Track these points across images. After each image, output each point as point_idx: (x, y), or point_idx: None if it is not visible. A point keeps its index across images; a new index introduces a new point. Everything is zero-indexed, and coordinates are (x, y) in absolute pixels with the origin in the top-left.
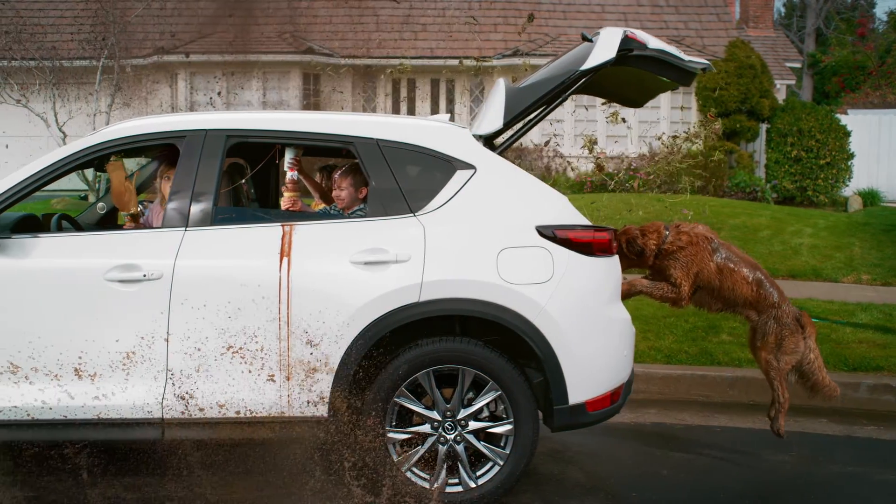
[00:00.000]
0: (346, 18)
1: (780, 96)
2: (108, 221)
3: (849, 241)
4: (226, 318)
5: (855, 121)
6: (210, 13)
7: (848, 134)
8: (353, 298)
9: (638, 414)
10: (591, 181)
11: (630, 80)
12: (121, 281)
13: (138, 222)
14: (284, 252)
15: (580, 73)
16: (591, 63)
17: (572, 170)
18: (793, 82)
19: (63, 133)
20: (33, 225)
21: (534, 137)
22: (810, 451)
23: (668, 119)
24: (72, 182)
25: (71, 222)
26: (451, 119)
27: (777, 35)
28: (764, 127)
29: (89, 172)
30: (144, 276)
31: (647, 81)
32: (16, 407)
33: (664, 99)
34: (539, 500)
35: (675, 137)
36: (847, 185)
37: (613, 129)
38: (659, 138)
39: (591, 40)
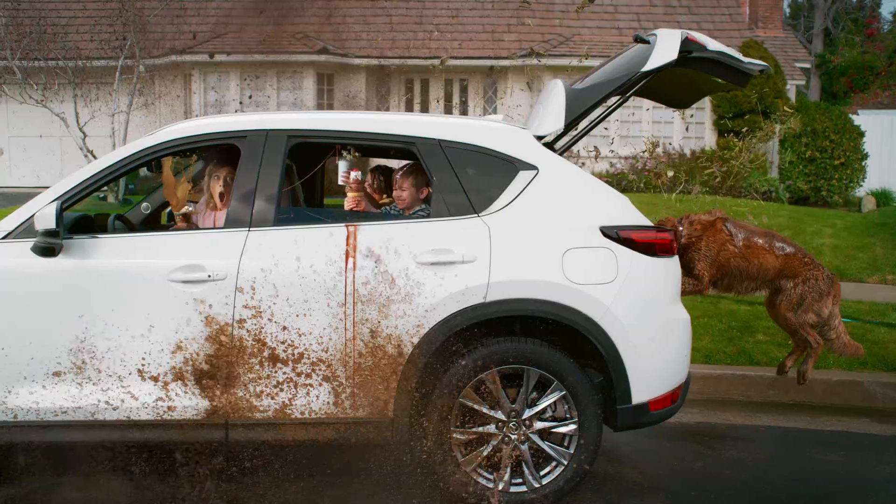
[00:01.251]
0: (360, 19)
1: (790, 97)
2: (152, 221)
3: (869, 241)
4: (290, 319)
5: (866, 121)
6: (235, 12)
7: (862, 134)
8: (419, 299)
9: (682, 413)
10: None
11: (680, 81)
12: (185, 281)
13: (190, 222)
14: (350, 253)
15: (641, 74)
16: (652, 64)
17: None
18: (803, 83)
19: (83, 133)
20: (88, 225)
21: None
22: (859, 451)
23: (680, 119)
24: None
25: (124, 222)
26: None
27: (786, 35)
28: (778, 127)
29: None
30: (209, 276)
31: (698, 83)
32: (80, 407)
33: None
34: (600, 500)
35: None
36: (861, 186)
37: (626, 129)
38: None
39: (647, 41)
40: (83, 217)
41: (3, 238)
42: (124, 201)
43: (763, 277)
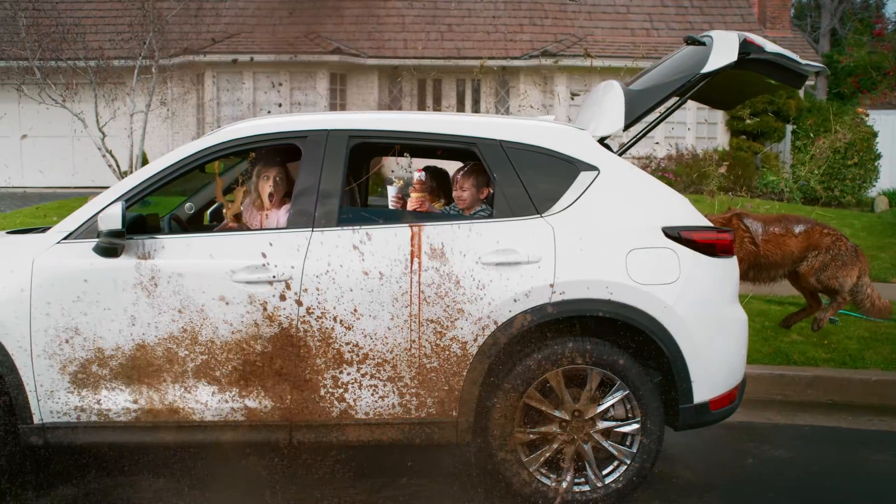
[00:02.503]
0: (372, 19)
1: (800, 97)
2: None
3: (889, 241)
4: (355, 319)
5: (876, 121)
6: (247, 13)
7: (875, 135)
8: (484, 299)
9: None
10: None
11: (728, 82)
12: (248, 282)
13: (241, 222)
14: (414, 253)
15: (701, 75)
16: (711, 66)
17: None
18: (812, 83)
19: (102, 133)
20: (142, 225)
21: None
22: None
23: (694, 120)
24: (109, 179)
25: (177, 222)
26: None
27: (794, 36)
28: (790, 128)
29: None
30: (273, 277)
31: (748, 84)
32: (143, 409)
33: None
34: (659, 499)
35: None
36: (874, 186)
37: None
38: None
39: (702, 43)
40: (137, 217)
41: (65, 238)
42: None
43: (789, 260)
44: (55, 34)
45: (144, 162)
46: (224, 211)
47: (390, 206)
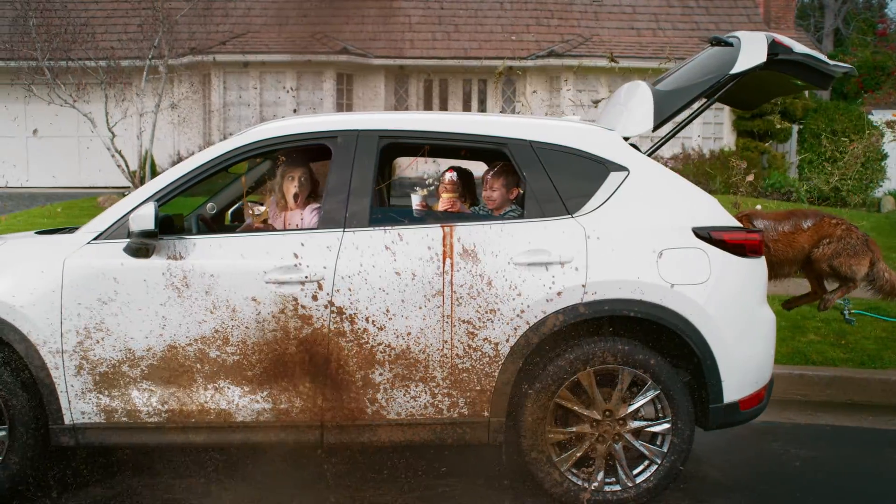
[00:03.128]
0: (378, 19)
1: (804, 96)
2: (216, 222)
3: None
4: (388, 320)
5: (881, 121)
6: (254, 13)
7: (882, 134)
8: (516, 300)
9: None
10: None
11: (753, 82)
12: (280, 282)
13: (267, 222)
14: (447, 253)
15: (729, 76)
16: (740, 67)
17: None
18: None
19: (112, 133)
20: (168, 224)
21: None
22: None
23: (700, 119)
24: (115, 179)
25: (204, 223)
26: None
27: (799, 36)
28: (796, 128)
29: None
30: (306, 277)
31: (773, 84)
32: (174, 410)
33: None
34: (689, 499)
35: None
36: (881, 186)
37: None
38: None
39: (729, 44)
40: (165, 217)
41: (95, 238)
42: None
43: (801, 256)
44: (66, 34)
45: (151, 162)
46: (248, 212)
47: (415, 214)
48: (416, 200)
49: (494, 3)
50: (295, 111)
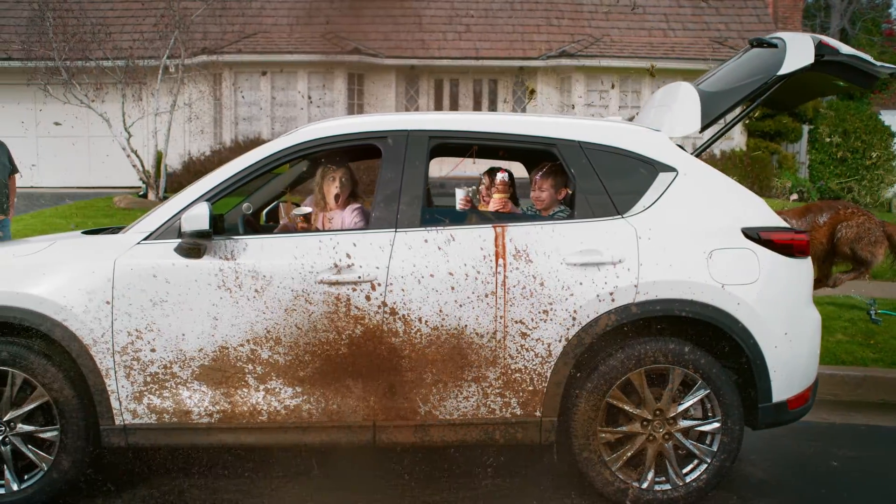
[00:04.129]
0: (389, 19)
1: None
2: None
3: None
4: (441, 320)
5: (890, 121)
6: (265, 13)
7: (893, 135)
8: (569, 300)
9: None
10: None
11: (793, 83)
12: (333, 283)
13: (310, 223)
14: (499, 253)
15: (777, 78)
16: (788, 68)
17: None
18: None
19: (128, 133)
20: (216, 225)
21: None
22: None
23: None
24: (126, 179)
25: (249, 223)
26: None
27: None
28: (806, 128)
29: (148, 166)
30: (359, 277)
31: (813, 85)
32: (225, 410)
33: None
34: (736, 498)
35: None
36: (893, 187)
37: None
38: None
39: (773, 45)
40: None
41: (145, 239)
42: (165, 199)
43: (822, 251)
44: (84, 34)
45: (160, 162)
46: (290, 212)
47: (458, 208)
48: (460, 195)
49: (505, 4)
50: (309, 107)
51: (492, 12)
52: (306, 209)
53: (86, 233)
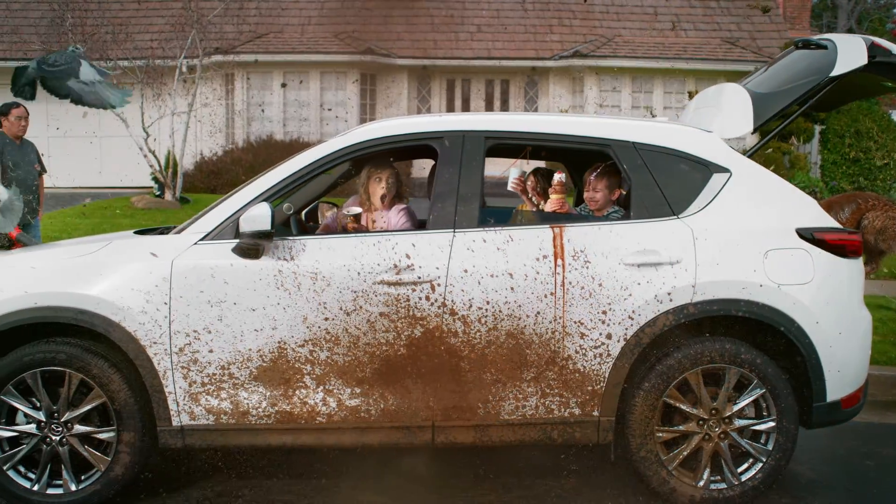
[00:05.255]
0: (401, 19)
1: None
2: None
3: None
4: (500, 320)
5: None
6: (274, 12)
7: None
8: (628, 300)
9: None
10: None
11: (839, 84)
12: (393, 283)
13: (360, 223)
14: (558, 254)
15: (829, 79)
16: (840, 70)
17: None
18: None
19: (146, 133)
20: None
21: None
22: None
23: None
24: (138, 179)
25: (300, 223)
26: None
27: (815, 35)
28: (818, 128)
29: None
30: (419, 278)
31: (858, 86)
32: (279, 411)
33: None
34: (789, 497)
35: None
36: None
37: None
38: None
39: (823, 47)
40: None
41: (202, 239)
42: (182, 199)
43: None
44: (106, 34)
45: (172, 162)
46: (341, 213)
47: (510, 188)
48: (514, 174)
49: (516, 4)
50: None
51: (503, 12)
52: (356, 209)
53: (137, 233)
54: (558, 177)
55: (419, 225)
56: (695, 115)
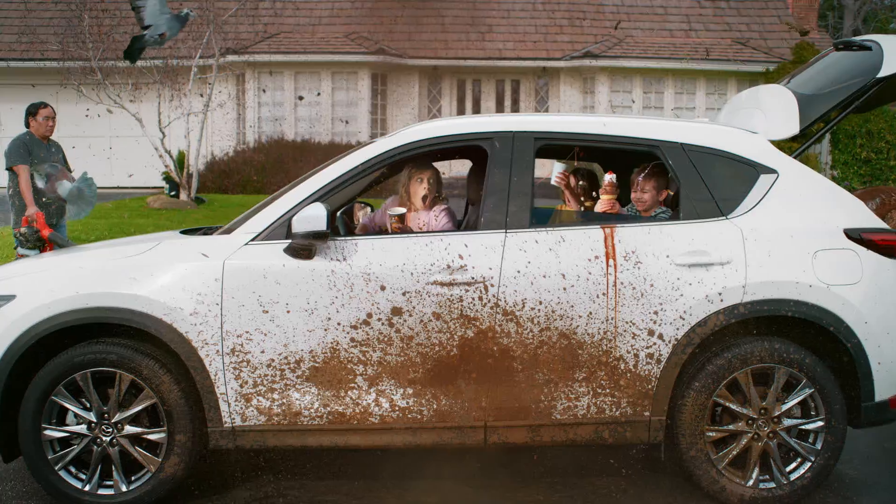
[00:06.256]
0: (412, 20)
1: None
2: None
3: None
4: (553, 320)
5: None
6: (286, 13)
7: None
8: (679, 300)
9: None
10: None
11: (886, 86)
12: (446, 283)
13: (405, 223)
14: (609, 254)
15: (876, 80)
16: (887, 70)
17: None
18: None
19: (163, 133)
20: None
21: None
22: None
23: None
24: (148, 179)
25: (345, 223)
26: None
27: (821, 36)
28: None
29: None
30: (472, 278)
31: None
32: (331, 412)
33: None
34: (836, 497)
35: None
36: None
37: None
38: None
39: (867, 48)
40: None
41: (253, 239)
42: (197, 200)
43: None
44: (124, 33)
45: (182, 162)
46: (386, 213)
47: (553, 182)
48: (557, 168)
49: (527, 4)
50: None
51: (514, 13)
52: (400, 210)
53: (183, 232)
54: (609, 177)
55: (457, 225)
56: (735, 116)
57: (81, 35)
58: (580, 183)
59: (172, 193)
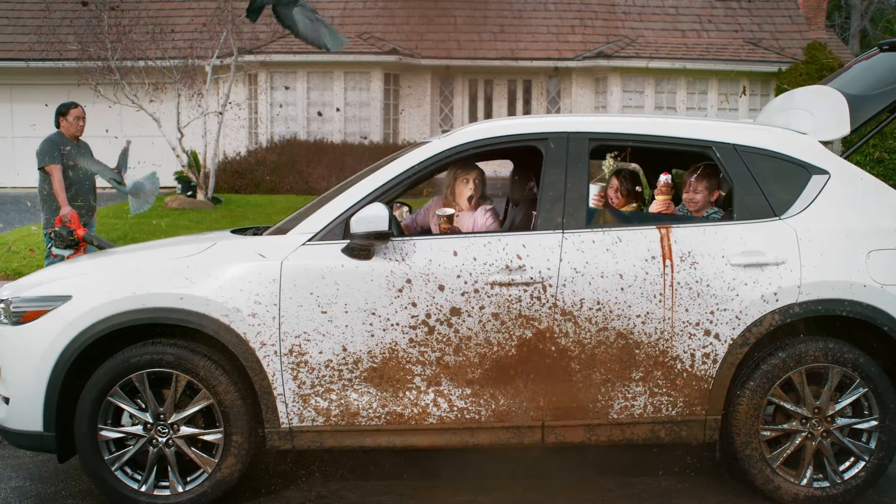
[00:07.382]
0: (424, 20)
1: None
2: None
3: None
4: (610, 320)
5: None
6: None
7: None
8: (735, 300)
9: None
10: None
11: None
12: (504, 284)
13: (453, 224)
14: (666, 255)
15: None
16: None
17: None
18: None
19: (181, 133)
20: None
21: None
22: None
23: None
24: (165, 179)
25: (397, 224)
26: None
27: (829, 37)
28: None
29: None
30: (531, 278)
31: None
32: (389, 412)
33: (742, 101)
34: (890, 497)
35: None
36: None
37: None
38: None
39: None
40: None
41: (310, 240)
42: (214, 199)
43: None
44: (145, 32)
45: (196, 162)
46: (434, 213)
47: (591, 205)
48: (594, 190)
49: (539, 4)
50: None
51: (526, 13)
52: (449, 210)
53: (233, 232)
54: (664, 178)
55: (501, 225)
56: (780, 116)
57: (101, 35)
58: (623, 185)
59: (189, 194)
